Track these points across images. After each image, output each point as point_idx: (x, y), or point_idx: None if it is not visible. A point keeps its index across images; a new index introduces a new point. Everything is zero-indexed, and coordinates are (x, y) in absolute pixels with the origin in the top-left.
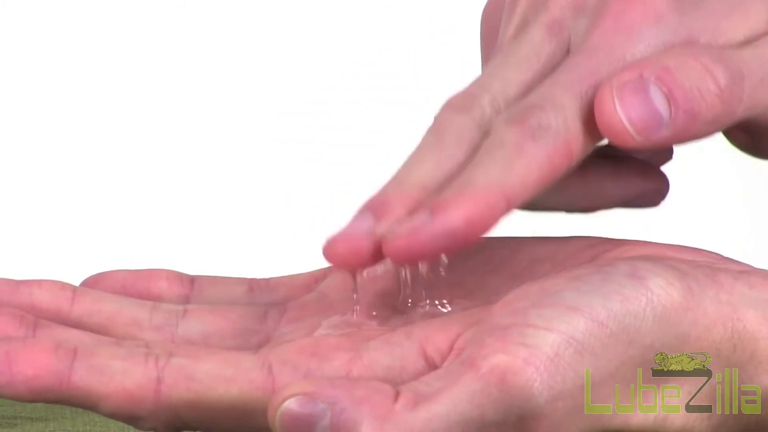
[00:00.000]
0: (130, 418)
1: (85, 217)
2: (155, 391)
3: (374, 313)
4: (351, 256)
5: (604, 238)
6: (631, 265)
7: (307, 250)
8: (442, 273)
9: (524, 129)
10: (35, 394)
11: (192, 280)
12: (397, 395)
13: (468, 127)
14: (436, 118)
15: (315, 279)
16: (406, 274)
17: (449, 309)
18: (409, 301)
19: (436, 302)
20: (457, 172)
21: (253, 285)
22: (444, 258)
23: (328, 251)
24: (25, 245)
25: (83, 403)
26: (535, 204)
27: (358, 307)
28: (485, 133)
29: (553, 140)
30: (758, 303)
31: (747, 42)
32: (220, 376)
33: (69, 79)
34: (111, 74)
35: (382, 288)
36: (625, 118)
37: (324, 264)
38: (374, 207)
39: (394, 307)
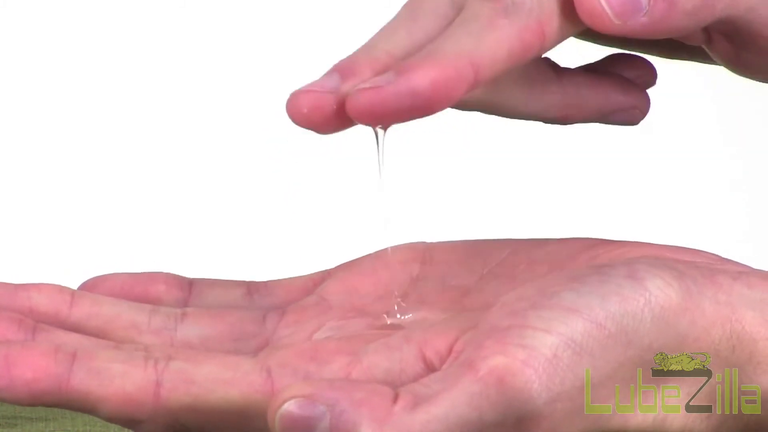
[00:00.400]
0: (129, 422)
1: (83, 220)
2: (154, 395)
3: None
4: (314, 112)
5: (602, 239)
6: (629, 266)
7: (305, 254)
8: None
9: (497, 4)
10: (35, 397)
11: (191, 284)
12: (396, 397)
13: (442, 3)
14: None
15: (313, 282)
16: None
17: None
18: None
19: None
20: (428, 43)
21: (251, 288)
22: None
23: (291, 106)
24: (24, 248)
25: (82, 407)
26: (511, 110)
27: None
28: (459, 10)
29: (526, 17)
30: (757, 303)
31: None
32: (219, 380)
33: (69, 82)
34: (111, 76)
35: (383, 290)
36: (604, 0)
37: (322, 267)
38: (341, 69)
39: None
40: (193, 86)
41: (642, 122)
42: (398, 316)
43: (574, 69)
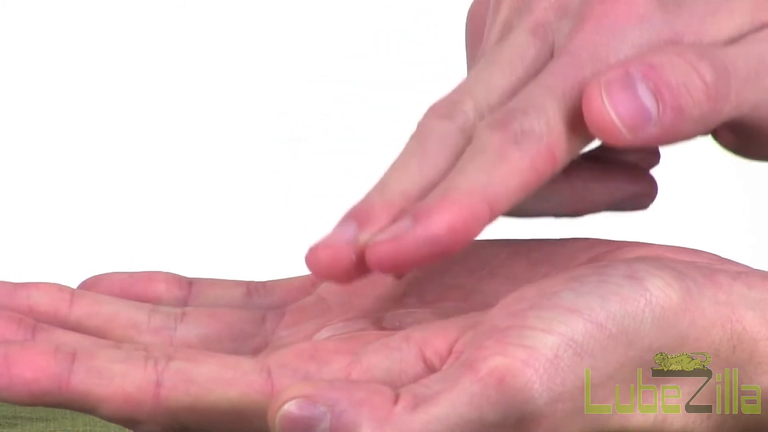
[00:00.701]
0: (129, 421)
1: (83, 219)
2: (154, 395)
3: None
4: (334, 265)
5: (602, 239)
6: (629, 266)
7: (305, 254)
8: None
9: (507, 134)
10: (34, 397)
11: (190, 283)
12: (396, 398)
13: (451, 133)
14: (419, 124)
15: (313, 282)
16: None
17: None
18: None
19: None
20: (440, 178)
21: (251, 288)
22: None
23: (311, 260)
24: (23, 248)
25: (82, 407)
26: (521, 210)
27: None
28: (469, 138)
29: (536, 145)
30: (757, 304)
31: (731, 41)
32: (218, 380)
33: (69, 82)
34: (111, 76)
35: (381, 293)
36: (615, 114)
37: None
38: (357, 215)
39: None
40: (194, 86)
41: None
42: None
43: (579, 162)
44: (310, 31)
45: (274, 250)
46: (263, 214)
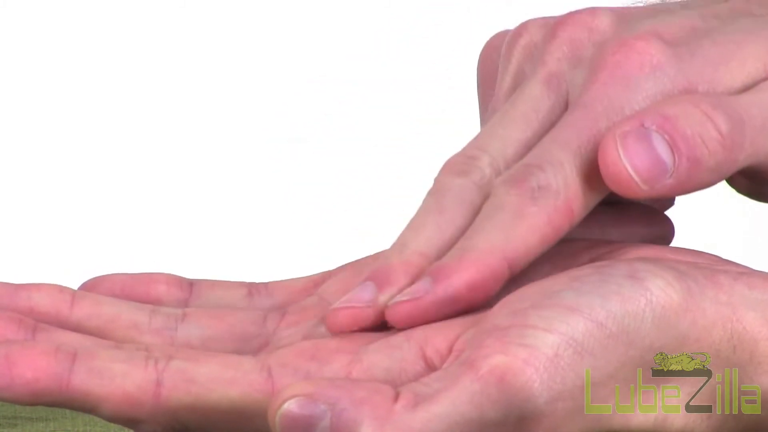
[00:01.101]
0: (129, 421)
1: (84, 220)
2: (155, 394)
3: None
4: (354, 326)
5: (603, 240)
6: (630, 266)
7: (306, 254)
8: None
9: (523, 191)
10: (35, 396)
11: (191, 284)
12: (397, 396)
13: (468, 190)
14: (436, 181)
15: (314, 283)
16: None
17: None
18: None
19: None
20: (459, 236)
21: (252, 289)
22: None
23: (331, 321)
24: (24, 248)
25: (83, 406)
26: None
27: None
28: (486, 194)
29: (554, 201)
30: (758, 304)
31: (745, 88)
32: (219, 379)
33: (69, 81)
34: (111, 76)
35: None
36: (630, 167)
37: (323, 268)
38: (376, 277)
39: None
40: (194, 86)
41: None
42: None
43: (596, 207)
44: (310, 31)
45: (275, 251)
46: (263, 214)
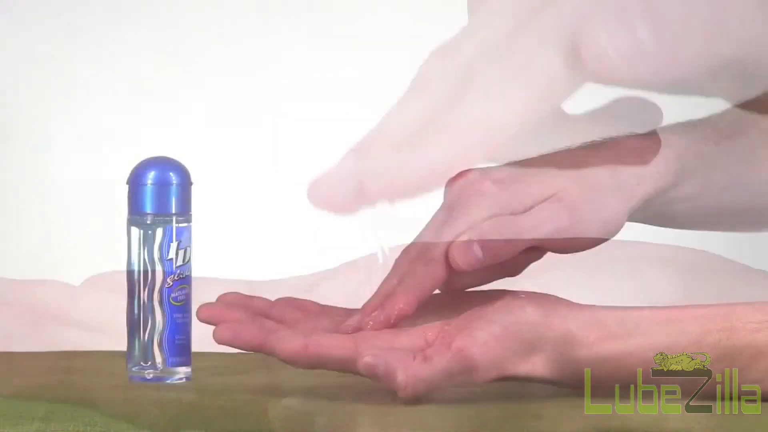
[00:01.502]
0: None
1: (84, 221)
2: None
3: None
4: (334, 195)
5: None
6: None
7: (307, 254)
8: None
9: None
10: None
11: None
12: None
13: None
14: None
15: (315, 282)
16: None
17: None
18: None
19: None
20: (439, 111)
21: (253, 287)
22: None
23: (313, 192)
24: (24, 249)
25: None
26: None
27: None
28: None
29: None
30: (757, 304)
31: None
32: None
33: (69, 82)
34: (111, 77)
35: None
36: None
37: (323, 268)
38: (357, 149)
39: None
40: (194, 86)
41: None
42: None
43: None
44: (310, 32)
45: (275, 251)
46: (264, 214)
